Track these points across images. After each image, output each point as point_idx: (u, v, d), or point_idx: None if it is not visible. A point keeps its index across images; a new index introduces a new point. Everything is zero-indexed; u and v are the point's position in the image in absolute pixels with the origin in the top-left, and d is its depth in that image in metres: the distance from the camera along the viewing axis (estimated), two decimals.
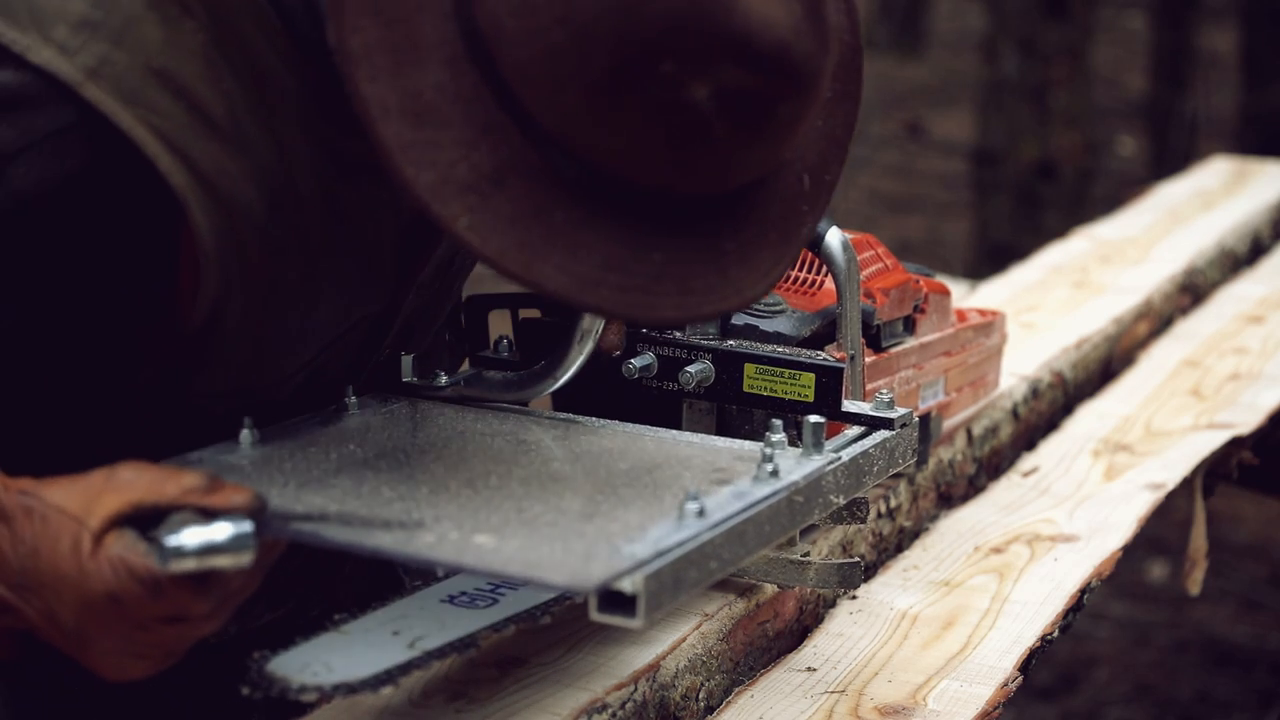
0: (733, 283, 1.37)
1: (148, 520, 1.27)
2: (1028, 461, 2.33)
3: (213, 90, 1.37)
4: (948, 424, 2.11)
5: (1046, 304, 2.94)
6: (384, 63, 1.28)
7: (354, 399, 1.63)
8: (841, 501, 1.55)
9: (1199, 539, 2.45)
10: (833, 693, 1.63)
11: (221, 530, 1.26)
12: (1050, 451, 2.36)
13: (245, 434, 1.50)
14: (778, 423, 1.53)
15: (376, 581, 1.73)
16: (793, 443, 1.56)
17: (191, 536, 1.25)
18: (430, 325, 1.72)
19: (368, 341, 1.61)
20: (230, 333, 1.44)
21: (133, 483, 1.28)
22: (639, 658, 1.58)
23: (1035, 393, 2.46)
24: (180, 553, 1.25)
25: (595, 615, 1.29)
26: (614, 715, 1.49)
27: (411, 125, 1.27)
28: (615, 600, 1.27)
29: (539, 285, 1.30)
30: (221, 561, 1.26)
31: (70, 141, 1.32)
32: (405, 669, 1.38)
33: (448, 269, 1.66)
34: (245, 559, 1.27)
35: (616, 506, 1.40)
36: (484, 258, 1.29)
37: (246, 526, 1.27)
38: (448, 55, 1.29)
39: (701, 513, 1.36)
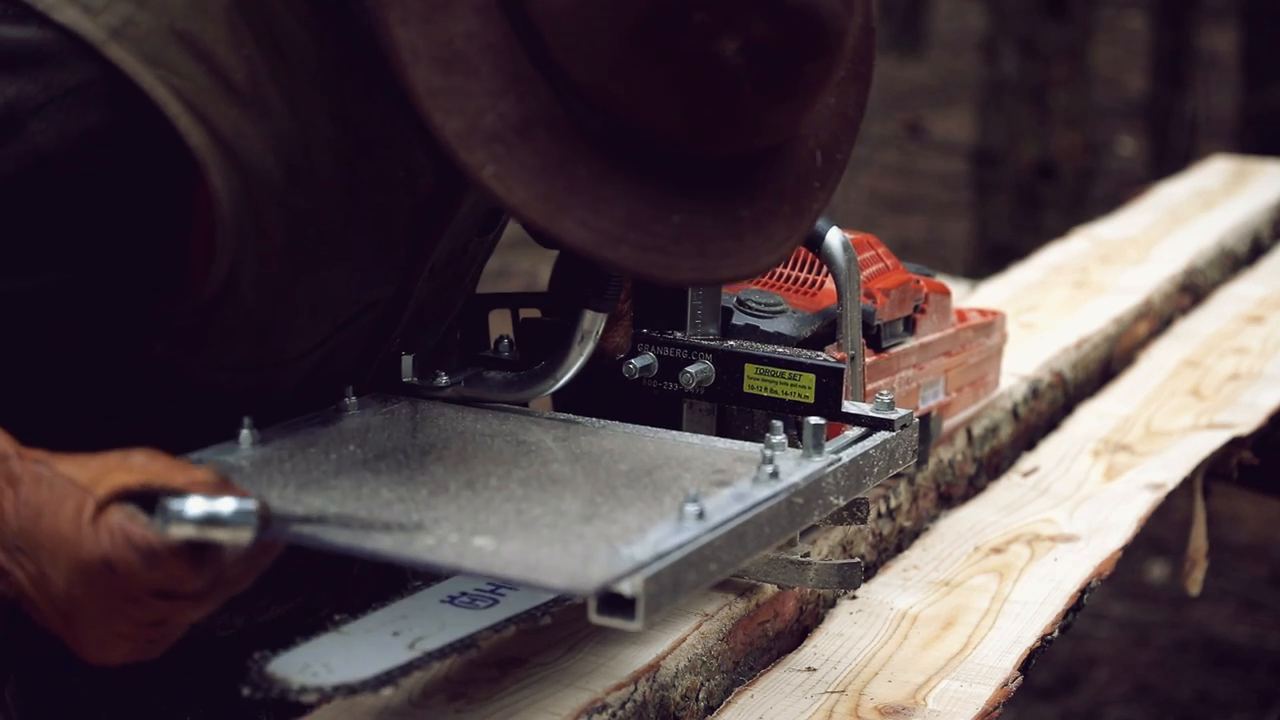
0: (748, 250, 1.38)
1: (152, 502, 1.27)
2: (1028, 461, 2.33)
3: (234, 55, 1.38)
4: (948, 424, 2.11)
5: (1046, 304, 2.94)
6: (416, 7, 1.29)
7: (354, 399, 1.63)
8: (841, 503, 1.55)
9: (1199, 539, 2.45)
10: (833, 693, 1.63)
11: (226, 504, 1.26)
12: (1050, 451, 2.36)
13: (245, 434, 1.50)
14: (778, 424, 1.53)
15: (386, 580, 1.73)
16: (793, 443, 1.56)
17: (195, 505, 1.26)
18: (441, 318, 1.72)
19: (377, 331, 1.61)
20: (243, 304, 1.45)
21: (145, 466, 1.29)
22: (639, 658, 1.58)
23: (1035, 393, 2.46)
24: (182, 517, 1.25)
25: (594, 618, 1.29)
26: (614, 715, 1.49)
27: (441, 72, 1.29)
28: (614, 602, 1.27)
29: (560, 238, 1.31)
30: (221, 535, 1.26)
31: (91, 97, 1.33)
32: (405, 670, 1.38)
33: (460, 256, 1.66)
34: (245, 536, 1.27)
35: (616, 508, 1.40)
36: (508, 207, 1.30)
37: (250, 504, 1.27)
38: (479, 3, 1.31)
39: (701, 515, 1.36)
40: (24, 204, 1.35)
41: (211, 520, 1.26)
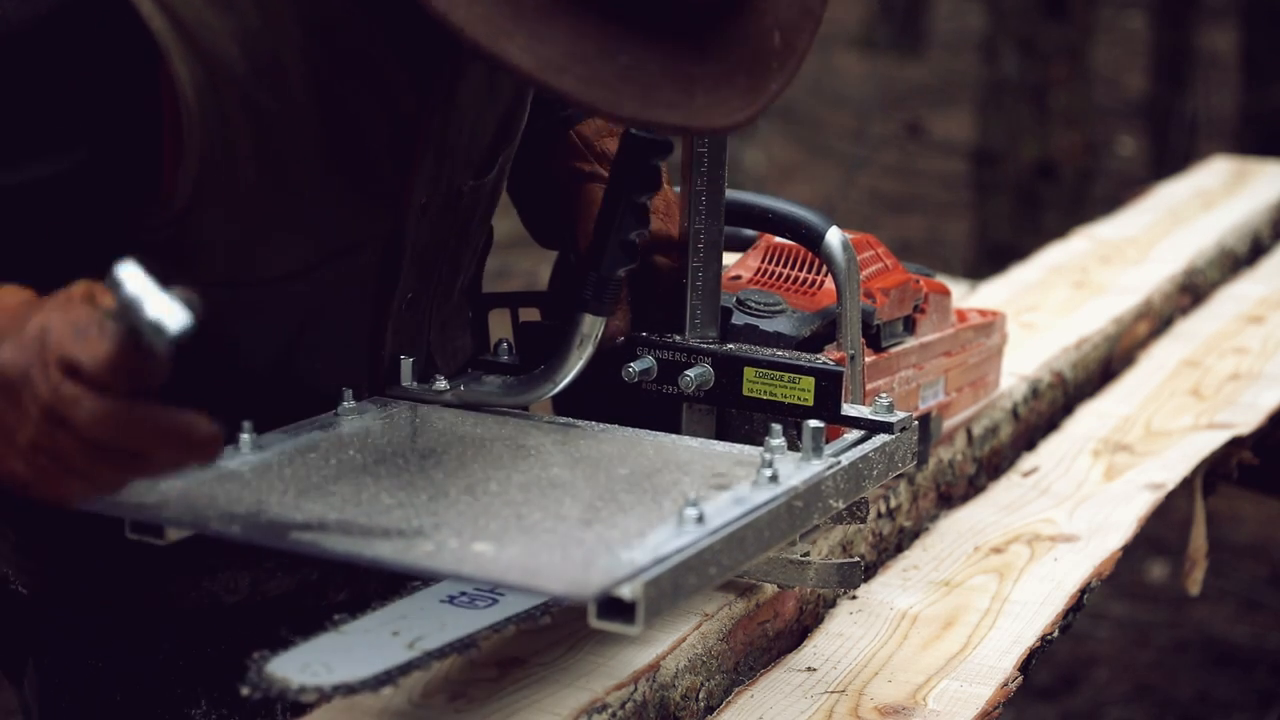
0: (699, 107, 1.36)
1: None
2: (1028, 461, 2.33)
3: None
4: (948, 424, 2.11)
5: (1046, 304, 2.95)
6: None
7: (352, 403, 1.63)
8: (841, 505, 1.55)
9: (1199, 539, 2.45)
10: (833, 693, 1.63)
11: (167, 307, 1.14)
12: (1050, 451, 2.36)
13: (244, 439, 1.50)
14: (777, 427, 1.53)
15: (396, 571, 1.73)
16: (792, 445, 1.56)
17: (139, 282, 1.15)
18: (450, 268, 1.70)
19: (382, 275, 1.61)
20: (216, 214, 1.45)
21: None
22: (639, 658, 1.58)
23: (1035, 393, 2.46)
24: (125, 274, 1.15)
25: (594, 622, 1.29)
26: (614, 715, 1.49)
27: None
28: (614, 607, 1.27)
29: (502, 59, 1.29)
30: (143, 323, 1.14)
31: None
32: (405, 669, 1.39)
33: (457, 201, 1.65)
34: (161, 341, 1.14)
35: (616, 513, 1.41)
36: (449, 25, 1.28)
37: (185, 319, 1.14)
38: None
39: (701, 519, 1.36)
40: None
41: (139, 304, 1.14)
